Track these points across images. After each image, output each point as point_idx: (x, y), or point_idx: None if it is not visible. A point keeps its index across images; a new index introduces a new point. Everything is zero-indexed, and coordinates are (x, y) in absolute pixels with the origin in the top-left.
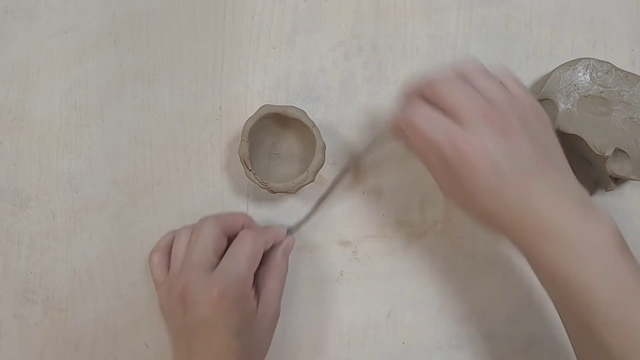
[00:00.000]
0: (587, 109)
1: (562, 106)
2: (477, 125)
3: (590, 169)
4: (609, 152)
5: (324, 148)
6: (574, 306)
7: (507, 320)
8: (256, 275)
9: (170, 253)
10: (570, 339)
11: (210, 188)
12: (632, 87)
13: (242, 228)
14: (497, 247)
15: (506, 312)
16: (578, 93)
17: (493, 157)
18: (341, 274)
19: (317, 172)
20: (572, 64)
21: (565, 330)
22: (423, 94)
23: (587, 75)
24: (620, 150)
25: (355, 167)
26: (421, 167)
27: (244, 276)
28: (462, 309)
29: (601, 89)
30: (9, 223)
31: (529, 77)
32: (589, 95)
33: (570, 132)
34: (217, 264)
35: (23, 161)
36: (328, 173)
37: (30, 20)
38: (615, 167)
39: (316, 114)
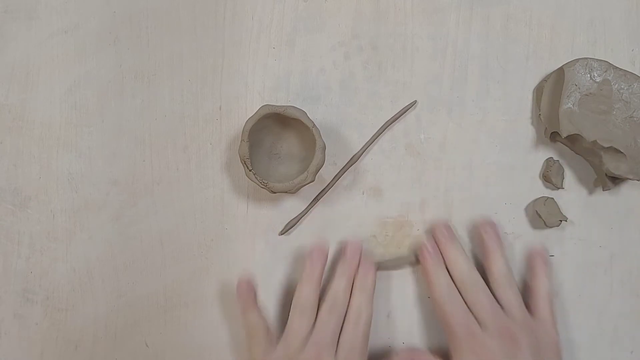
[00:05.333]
0: (588, 107)
1: (563, 106)
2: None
3: (588, 168)
4: (606, 145)
5: (324, 148)
6: None
7: None
8: None
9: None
10: None
11: (210, 188)
12: (630, 85)
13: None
14: None
15: None
16: (579, 92)
17: None
18: None
19: (317, 172)
20: (571, 64)
21: None
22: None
23: (587, 74)
24: (617, 149)
25: (355, 167)
26: (421, 167)
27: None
28: None
29: (601, 87)
30: (9, 223)
31: (529, 77)
32: (590, 94)
33: (570, 133)
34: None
35: (23, 161)
36: (328, 173)
37: (30, 20)
38: (612, 166)
39: (316, 114)
